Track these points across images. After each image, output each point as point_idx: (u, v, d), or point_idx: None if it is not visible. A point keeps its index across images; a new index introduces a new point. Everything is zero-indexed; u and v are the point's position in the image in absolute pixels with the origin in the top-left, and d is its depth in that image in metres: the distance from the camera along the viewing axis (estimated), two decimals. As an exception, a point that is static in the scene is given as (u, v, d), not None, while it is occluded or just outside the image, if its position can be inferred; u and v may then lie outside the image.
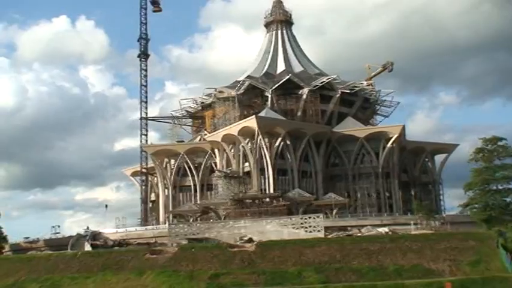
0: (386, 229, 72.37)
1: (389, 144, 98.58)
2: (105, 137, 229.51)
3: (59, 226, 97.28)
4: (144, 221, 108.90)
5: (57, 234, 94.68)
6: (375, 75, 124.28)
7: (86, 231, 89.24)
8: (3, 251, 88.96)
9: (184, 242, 71.25)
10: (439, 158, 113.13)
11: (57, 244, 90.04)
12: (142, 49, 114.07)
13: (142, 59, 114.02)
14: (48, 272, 61.34)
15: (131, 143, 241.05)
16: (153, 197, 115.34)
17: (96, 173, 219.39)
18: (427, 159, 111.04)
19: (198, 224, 78.85)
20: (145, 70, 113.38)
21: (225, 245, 61.88)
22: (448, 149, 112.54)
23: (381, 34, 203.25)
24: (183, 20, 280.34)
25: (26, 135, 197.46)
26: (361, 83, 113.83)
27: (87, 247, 76.41)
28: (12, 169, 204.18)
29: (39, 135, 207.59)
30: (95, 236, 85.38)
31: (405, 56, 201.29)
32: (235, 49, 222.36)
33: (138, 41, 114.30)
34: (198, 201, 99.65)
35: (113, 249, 69.52)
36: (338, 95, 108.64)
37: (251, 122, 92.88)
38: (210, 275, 54.93)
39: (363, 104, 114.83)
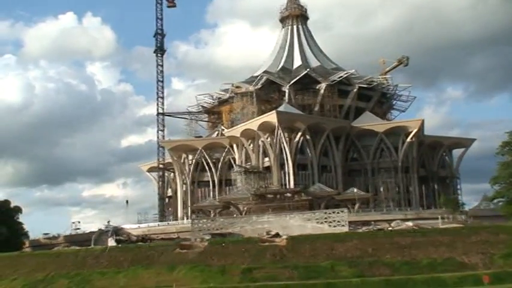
0: (410, 223, 72.32)
1: (408, 139, 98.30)
2: (112, 134, 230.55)
3: (79, 222, 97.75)
4: (161, 217, 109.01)
5: (78, 230, 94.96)
6: (390, 70, 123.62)
7: (107, 227, 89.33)
8: (24, 247, 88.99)
9: (208, 237, 71.04)
10: (456, 152, 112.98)
11: (77, 240, 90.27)
12: (158, 45, 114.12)
13: (159, 55, 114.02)
14: (77, 268, 61.10)
15: (138, 139, 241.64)
16: (169, 192, 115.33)
17: (103, 170, 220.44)
18: (444, 154, 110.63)
19: (221, 219, 78.64)
20: (162, 66, 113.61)
21: (255, 239, 61.65)
22: (465, 143, 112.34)
23: (388, 29, 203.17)
24: (189, 16, 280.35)
25: (33, 132, 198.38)
26: (379, 78, 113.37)
27: (112, 242, 76.37)
28: (20, 166, 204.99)
29: (46, 132, 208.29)
30: (116, 231, 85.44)
31: (412, 51, 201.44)
32: (242, 45, 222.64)
33: (154, 36, 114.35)
34: (217, 197, 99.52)
35: (140, 244, 69.28)
36: (355, 90, 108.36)
37: (271, 117, 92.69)
38: (242, 269, 54.64)
39: (379, 99, 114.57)
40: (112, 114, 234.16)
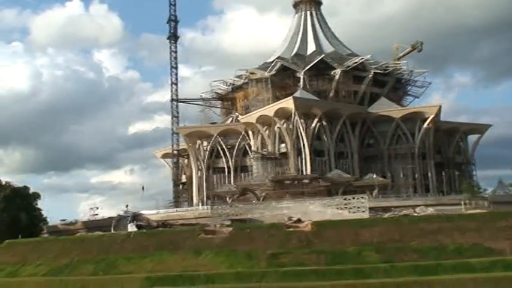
0: (431, 209, 72.25)
1: (425, 125, 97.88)
2: (119, 121, 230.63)
3: (97, 208, 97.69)
4: (176, 203, 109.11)
5: (96, 216, 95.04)
6: (403, 56, 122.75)
7: (125, 212, 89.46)
8: (43, 232, 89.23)
9: (227, 222, 71.20)
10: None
11: (95, 226, 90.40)
12: (172, 31, 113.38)
13: (172, 41, 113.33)
14: (102, 253, 61.25)
15: (145, 126, 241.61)
16: (183, 178, 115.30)
17: (110, 156, 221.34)
18: (459, 140, 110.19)
19: (240, 205, 78.70)
20: (175, 52, 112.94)
21: (280, 225, 61.66)
22: (481, 129, 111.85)
23: (395, 15, 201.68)
24: (196, 2, 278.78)
25: (41, 119, 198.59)
26: (394, 63, 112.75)
27: (132, 228, 76.54)
28: (28, 153, 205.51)
29: (54, 119, 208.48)
30: (135, 217, 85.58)
31: (420, 36, 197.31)
32: (249, 31, 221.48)
33: (167, 22, 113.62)
34: (232, 183, 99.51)
35: (165, 230, 69.40)
36: (371, 76, 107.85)
37: (288, 103, 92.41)
38: (268, 254, 54.66)
39: (394, 85, 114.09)
40: (119, 101, 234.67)
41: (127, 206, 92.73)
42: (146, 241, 61.82)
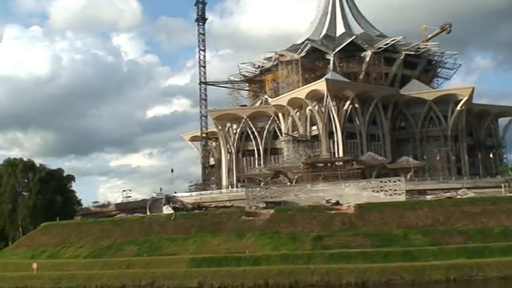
0: (471, 192, 71.65)
1: (458, 107, 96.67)
2: (138, 105, 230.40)
3: (130, 190, 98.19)
4: (204, 185, 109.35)
5: (129, 198, 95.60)
6: (432, 37, 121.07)
7: (158, 194, 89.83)
8: (76, 214, 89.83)
9: (262, 205, 71.17)
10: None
11: (128, 208, 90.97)
12: (199, 13, 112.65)
13: (200, 24, 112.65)
14: (144, 235, 61.72)
15: (163, 110, 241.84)
16: (211, 161, 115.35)
17: (129, 140, 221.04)
18: (491, 123, 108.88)
19: (274, 187, 78.56)
20: (203, 34, 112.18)
21: (323, 207, 61.53)
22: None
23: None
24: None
25: (61, 103, 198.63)
26: (426, 45, 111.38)
27: (168, 210, 76.71)
28: (47, 136, 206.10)
29: (73, 103, 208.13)
30: (168, 199, 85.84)
31: (440, 19, 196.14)
32: (267, 14, 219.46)
33: (195, 5, 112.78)
34: (262, 165, 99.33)
35: (205, 212, 69.50)
36: (402, 57, 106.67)
37: (320, 85, 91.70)
38: (312, 236, 54.84)
39: (425, 66, 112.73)
40: (138, 85, 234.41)
41: (160, 189, 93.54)
42: (188, 223, 62.13)
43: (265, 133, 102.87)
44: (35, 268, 57.26)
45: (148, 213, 79.90)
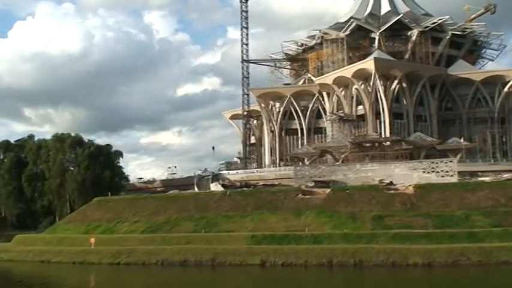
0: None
1: (506, 89, 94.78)
2: (168, 83, 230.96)
3: (175, 167, 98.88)
4: (245, 164, 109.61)
5: (174, 175, 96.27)
6: (475, 17, 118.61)
7: (203, 172, 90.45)
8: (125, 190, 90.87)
9: (310, 184, 71.01)
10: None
11: (174, 184, 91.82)
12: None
13: (243, 1, 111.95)
14: (200, 211, 62.01)
15: (194, 88, 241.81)
16: (252, 140, 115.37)
17: (159, 118, 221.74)
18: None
19: (323, 167, 78.39)
20: (246, 12, 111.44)
21: (381, 187, 61.14)
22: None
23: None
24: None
25: (92, 80, 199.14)
26: (471, 25, 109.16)
27: (217, 187, 77.18)
28: (78, 113, 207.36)
29: (104, 80, 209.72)
30: (215, 176, 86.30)
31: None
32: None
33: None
34: (305, 144, 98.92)
35: (260, 189, 69.57)
36: (448, 37, 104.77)
37: (368, 64, 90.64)
38: (372, 216, 54.53)
39: (470, 47, 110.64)
40: (169, 63, 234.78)
41: (205, 169, 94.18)
42: (243, 200, 62.26)
43: (308, 112, 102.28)
44: (92, 243, 58.07)
45: (196, 189, 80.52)
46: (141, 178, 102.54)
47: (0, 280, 48.61)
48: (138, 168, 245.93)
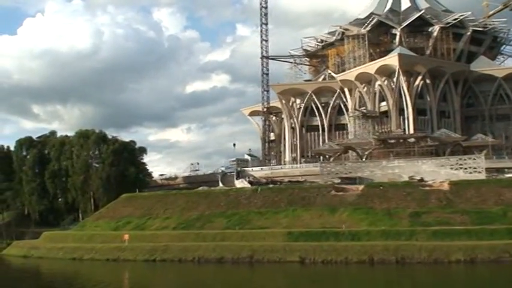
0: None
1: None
2: (177, 80, 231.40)
3: (198, 163, 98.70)
4: (264, 161, 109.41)
5: (197, 172, 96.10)
6: (494, 13, 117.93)
7: (226, 168, 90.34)
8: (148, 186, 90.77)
9: (337, 180, 70.91)
10: None
11: (196, 181, 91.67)
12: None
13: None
14: (231, 207, 61.88)
15: (203, 85, 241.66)
16: (272, 136, 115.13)
17: (167, 115, 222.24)
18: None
19: (349, 163, 78.08)
20: (266, 8, 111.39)
21: (415, 183, 60.91)
22: None
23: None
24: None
25: (101, 77, 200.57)
26: (492, 21, 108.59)
27: (243, 183, 77.08)
28: (86, 109, 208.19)
29: (113, 77, 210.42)
30: (239, 172, 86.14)
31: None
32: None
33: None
34: (326, 141, 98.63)
35: (292, 186, 69.17)
36: (469, 33, 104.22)
37: (392, 60, 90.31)
38: (409, 212, 54.31)
39: (490, 43, 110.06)
40: (178, 60, 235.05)
41: (224, 167, 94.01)
42: (274, 197, 62.05)
43: (330, 108, 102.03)
44: (126, 239, 57.86)
45: (221, 185, 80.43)
46: (162, 175, 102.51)
47: (37, 279, 47.83)
48: (147, 165, 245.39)
